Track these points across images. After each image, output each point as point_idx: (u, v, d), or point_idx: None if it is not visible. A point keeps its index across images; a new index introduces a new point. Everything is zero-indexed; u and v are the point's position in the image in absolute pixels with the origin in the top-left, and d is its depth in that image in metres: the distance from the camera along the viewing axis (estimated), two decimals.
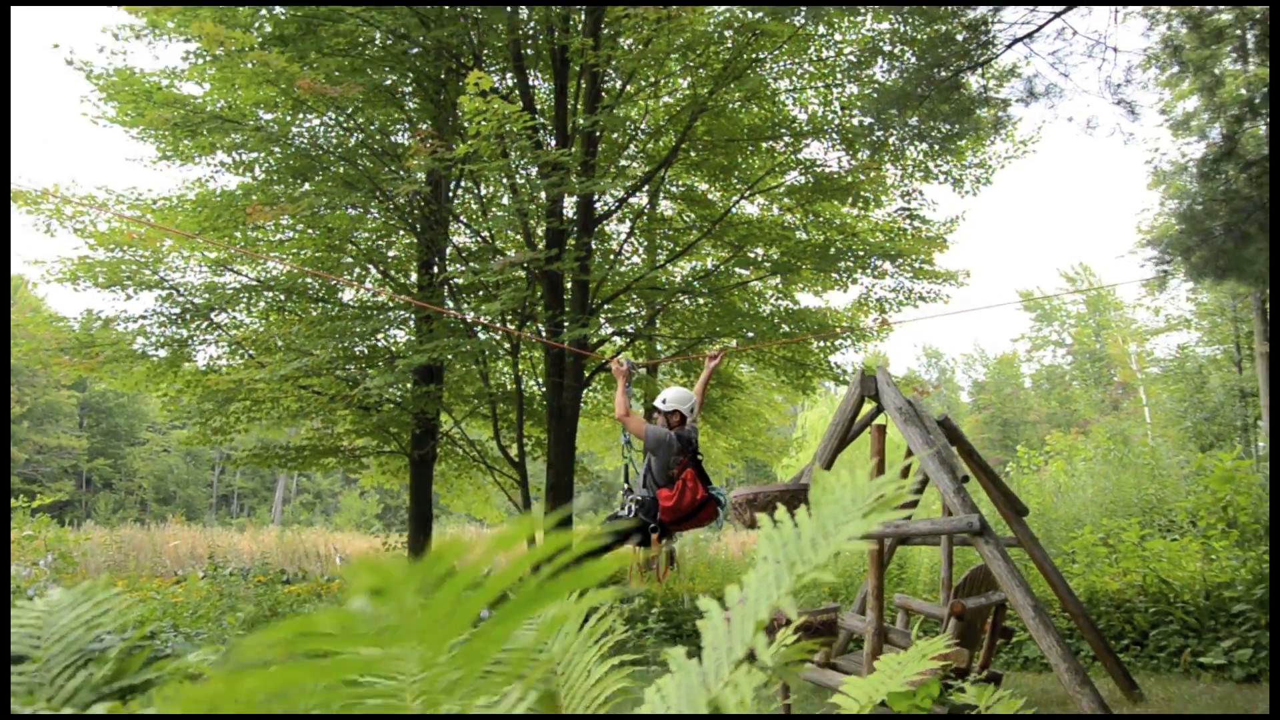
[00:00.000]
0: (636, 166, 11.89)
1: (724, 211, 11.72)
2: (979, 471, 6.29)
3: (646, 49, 10.00)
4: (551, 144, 10.77)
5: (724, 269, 12.19)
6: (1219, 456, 8.51)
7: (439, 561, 0.58)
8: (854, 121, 10.80)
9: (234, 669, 0.54)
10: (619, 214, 12.33)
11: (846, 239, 11.82)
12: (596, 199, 10.99)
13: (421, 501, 12.30)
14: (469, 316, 10.98)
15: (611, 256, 12.67)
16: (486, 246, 11.82)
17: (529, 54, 10.96)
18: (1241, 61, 6.31)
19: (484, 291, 10.94)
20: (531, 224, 10.87)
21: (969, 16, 6.23)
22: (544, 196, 9.76)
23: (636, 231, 12.88)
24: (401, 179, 10.06)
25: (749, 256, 12.03)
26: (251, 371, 10.54)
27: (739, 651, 0.86)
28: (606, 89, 11.09)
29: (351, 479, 26.22)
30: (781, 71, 11.16)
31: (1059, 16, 6.14)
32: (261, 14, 10.36)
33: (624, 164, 11.63)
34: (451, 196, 11.84)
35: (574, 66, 10.42)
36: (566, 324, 10.10)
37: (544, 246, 10.02)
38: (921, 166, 11.34)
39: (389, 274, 12.46)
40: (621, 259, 13.00)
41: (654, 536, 5.18)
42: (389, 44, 10.61)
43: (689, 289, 12.10)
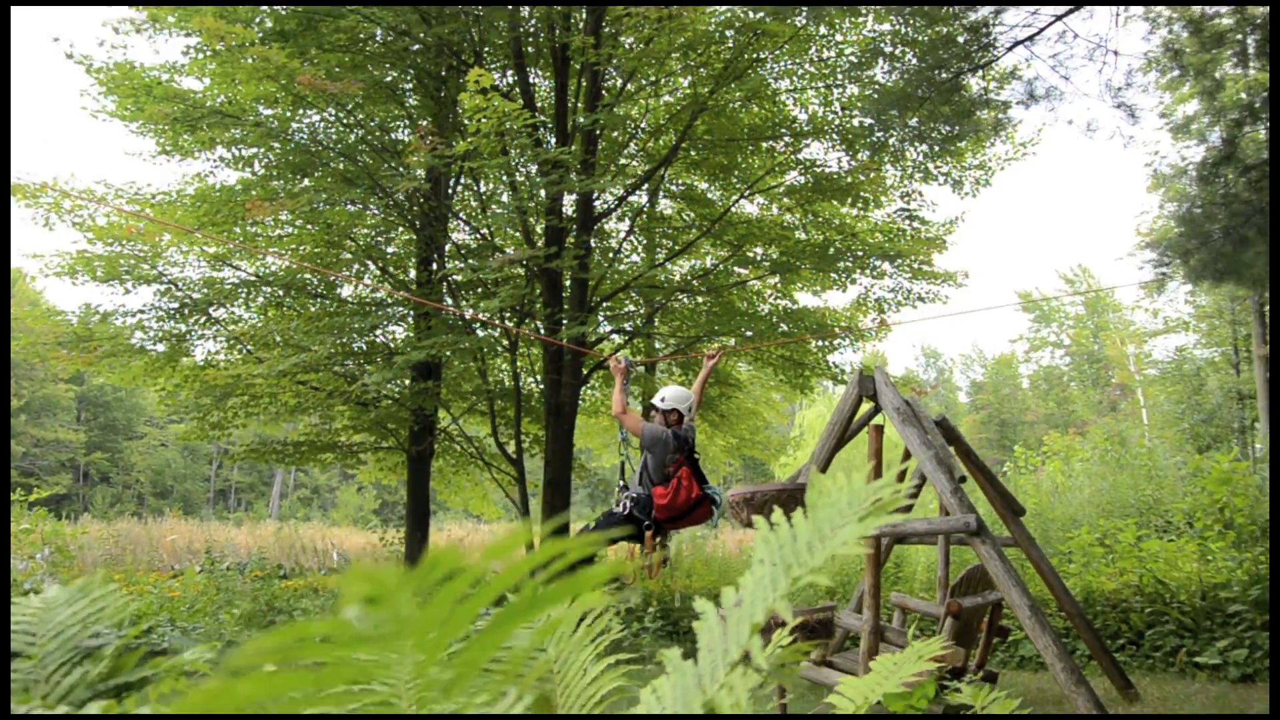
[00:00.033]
0: (636, 165, 11.87)
1: (723, 211, 11.71)
2: (976, 472, 6.29)
3: (647, 48, 10.00)
4: (551, 142, 10.76)
5: (723, 268, 12.18)
6: (1216, 458, 8.52)
7: (433, 569, 0.58)
8: (854, 122, 10.80)
9: (228, 675, 0.54)
10: (618, 212, 12.32)
11: (846, 239, 11.81)
12: (596, 197, 10.98)
13: (419, 497, 12.31)
14: (468, 313, 10.97)
15: (611, 255, 12.66)
16: (486, 244, 11.81)
17: (530, 52, 10.95)
18: (1242, 66, 6.32)
19: (483, 289, 10.93)
20: (531, 221, 10.87)
21: (970, 19, 6.23)
22: (544, 194, 9.76)
23: (636, 230, 12.88)
24: (401, 175, 10.05)
25: (748, 256, 12.01)
26: (250, 367, 10.54)
27: (734, 654, 0.87)
28: (607, 87, 11.07)
29: (349, 474, 26.22)
30: (782, 71, 11.14)
31: (1060, 19, 6.14)
32: (262, 9, 10.34)
33: (624, 162, 11.61)
34: (451, 193, 11.82)
35: (575, 65, 10.40)
36: (565, 321, 10.10)
37: (543, 244, 10.01)
38: (921, 168, 11.33)
39: (388, 270, 12.46)
40: (621, 257, 13.00)
41: (648, 534, 5.20)
42: (390, 40, 10.58)
43: (688, 288, 12.10)
